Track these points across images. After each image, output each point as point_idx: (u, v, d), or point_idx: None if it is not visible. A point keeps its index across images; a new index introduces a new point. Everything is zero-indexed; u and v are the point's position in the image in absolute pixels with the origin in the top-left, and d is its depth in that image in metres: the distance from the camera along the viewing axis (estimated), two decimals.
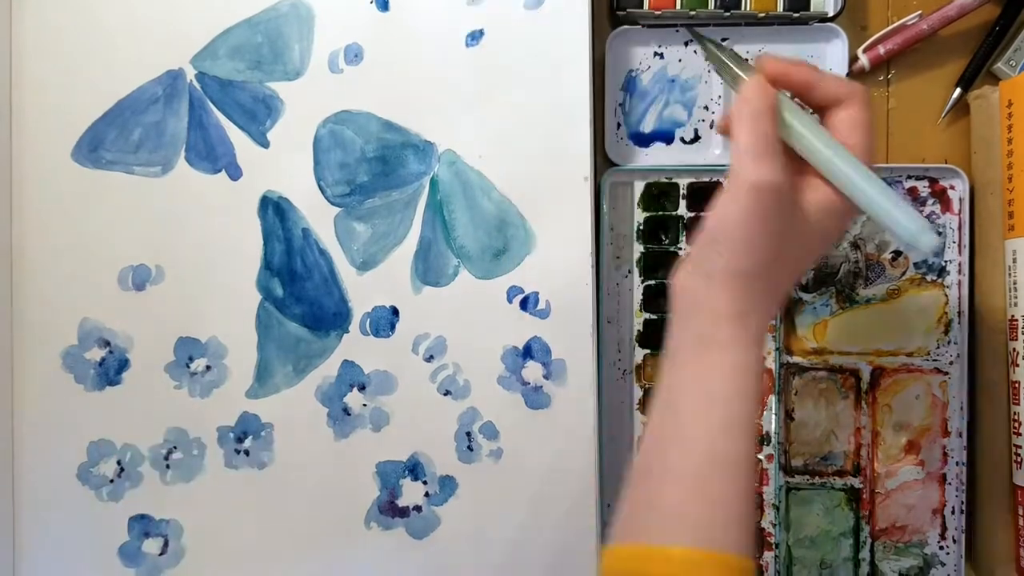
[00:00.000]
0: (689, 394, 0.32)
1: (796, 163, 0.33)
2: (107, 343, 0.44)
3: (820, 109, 0.34)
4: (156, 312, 0.44)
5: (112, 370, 0.45)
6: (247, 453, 0.45)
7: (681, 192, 0.46)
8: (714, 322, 0.32)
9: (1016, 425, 0.44)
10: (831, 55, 0.46)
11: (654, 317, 0.46)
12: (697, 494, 0.31)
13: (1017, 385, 0.44)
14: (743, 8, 0.45)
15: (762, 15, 0.45)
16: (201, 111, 0.44)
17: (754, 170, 0.31)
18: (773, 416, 0.46)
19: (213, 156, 0.44)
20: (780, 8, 0.45)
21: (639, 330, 0.46)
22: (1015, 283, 0.44)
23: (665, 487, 0.31)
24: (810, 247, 0.34)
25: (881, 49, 0.46)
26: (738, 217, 0.32)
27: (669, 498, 0.31)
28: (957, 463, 0.46)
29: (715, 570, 0.30)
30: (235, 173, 0.44)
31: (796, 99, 0.34)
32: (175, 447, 0.45)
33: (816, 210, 0.33)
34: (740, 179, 0.32)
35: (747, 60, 0.36)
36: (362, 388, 0.44)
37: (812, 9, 0.45)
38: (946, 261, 0.46)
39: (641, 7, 0.45)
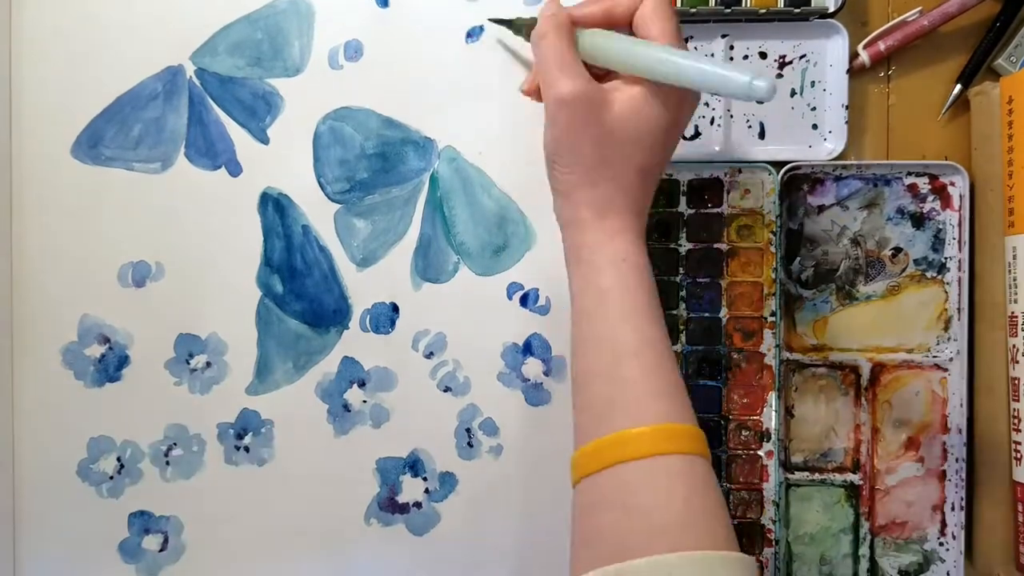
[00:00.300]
0: (585, 298, 0.36)
1: (603, 77, 0.36)
2: (107, 339, 0.44)
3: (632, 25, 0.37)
4: (156, 308, 0.44)
5: (112, 366, 0.45)
6: (247, 450, 0.45)
7: (681, 188, 0.46)
8: (580, 230, 0.36)
9: (1016, 422, 0.44)
10: (831, 51, 0.46)
11: None
12: (616, 383, 0.33)
13: (1017, 382, 0.44)
14: (744, 4, 0.45)
15: (763, 11, 0.45)
16: (201, 107, 0.44)
17: (556, 87, 0.35)
18: (773, 413, 0.46)
19: (213, 152, 0.44)
20: (780, 3, 0.45)
21: None
22: (1015, 280, 0.44)
23: (592, 387, 0.34)
24: (644, 143, 0.35)
25: (881, 45, 0.46)
26: (557, 133, 0.35)
27: (597, 395, 0.34)
28: (957, 459, 0.46)
29: (657, 438, 0.32)
30: (235, 169, 0.44)
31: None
32: (175, 443, 0.45)
33: (631, 107, 0.35)
34: (548, 99, 0.35)
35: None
36: (362, 384, 0.45)
37: (813, 5, 0.45)
38: (946, 257, 0.46)
39: None
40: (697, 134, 0.47)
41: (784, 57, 0.46)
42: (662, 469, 0.32)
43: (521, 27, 0.42)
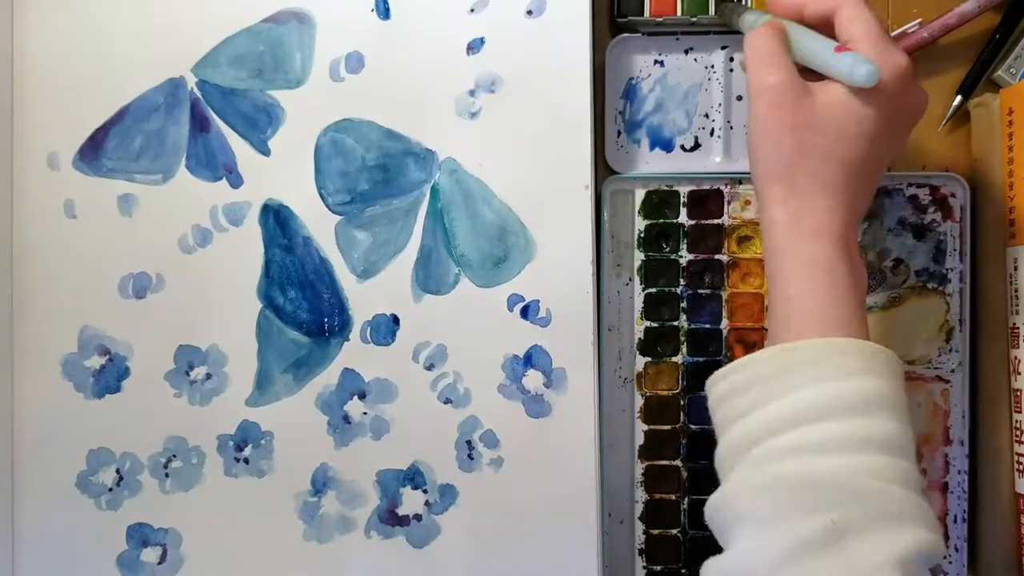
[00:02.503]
0: (775, 307, 0.36)
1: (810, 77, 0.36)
2: (107, 351, 0.44)
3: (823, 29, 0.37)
4: (156, 320, 0.44)
5: (112, 378, 0.44)
6: (247, 461, 0.44)
7: (682, 200, 0.46)
8: (771, 234, 0.36)
9: (1018, 433, 0.44)
10: None
11: (655, 325, 0.46)
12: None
13: (1019, 393, 0.43)
14: None
15: None
16: (202, 119, 0.44)
17: (761, 76, 0.35)
18: None
19: (214, 164, 0.44)
20: None
21: (640, 338, 0.46)
22: (1016, 291, 0.44)
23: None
24: (848, 136, 0.35)
25: None
26: (758, 121, 0.36)
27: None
28: (959, 472, 0.46)
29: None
30: (236, 181, 0.44)
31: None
32: (174, 455, 0.44)
33: (833, 99, 0.35)
34: (752, 88, 0.36)
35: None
36: (362, 396, 0.44)
37: None
38: (947, 269, 0.46)
39: (642, 14, 0.45)
40: (697, 145, 0.47)
41: None
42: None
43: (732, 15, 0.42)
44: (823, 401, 0.32)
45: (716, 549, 0.46)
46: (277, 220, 0.44)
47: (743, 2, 0.40)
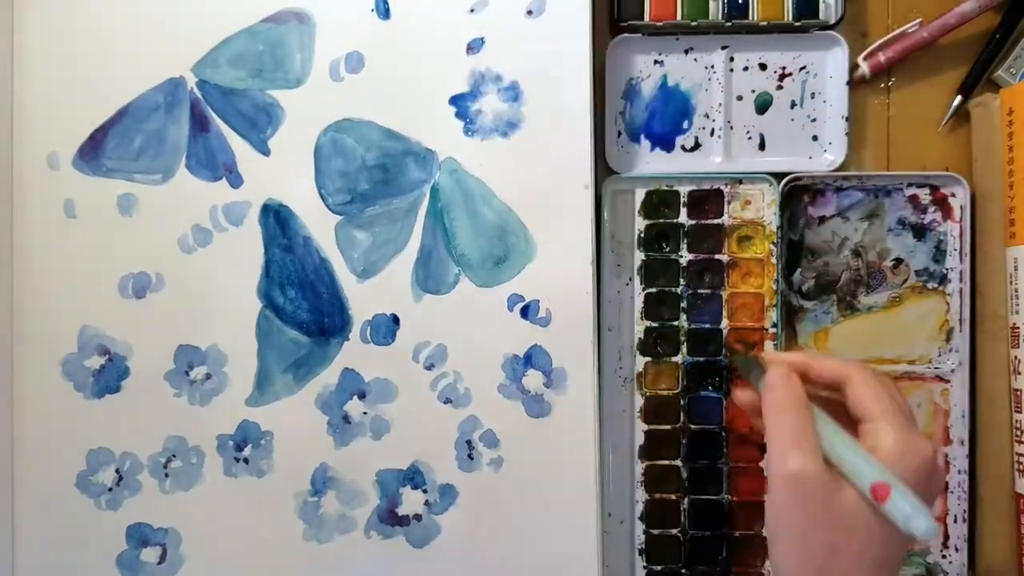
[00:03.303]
0: None
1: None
2: (107, 351, 0.44)
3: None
4: (156, 320, 0.44)
5: (112, 378, 0.44)
6: (246, 461, 0.44)
7: (682, 200, 0.46)
8: None
9: (1018, 433, 0.44)
10: (831, 63, 0.46)
11: (655, 325, 0.46)
12: None
13: (1019, 393, 0.43)
14: (750, 16, 0.45)
15: (763, 23, 0.45)
16: (202, 119, 0.44)
17: (787, 462, 0.32)
18: None
19: (214, 164, 0.44)
20: (787, 16, 0.45)
21: (640, 338, 0.46)
22: (1016, 291, 0.44)
23: None
24: (879, 534, 0.33)
25: (881, 57, 0.46)
26: (782, 511, 0.33)
27: None
28: (959, 471, 0.46)
29: None
30: (236, 181, 0.44)
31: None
32: (174, 455, 0.44)
33: (854, 504, 0.32)
34: (778, 473, 0.33)
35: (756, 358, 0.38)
36: (362, 396, 0.44)
37: (820, 16, 0.45)
38: (947, 269, 0.46)
39: (642, 17, 0.45)
40: (697, 146, 0.47)
41: (784, 69, 0.46)
42: None
43: (750, 369, 0.37)
44: None
45: (716, 549, 0.46)
46: (277, 220, 0.44)
47: (759, 360, 0.37)
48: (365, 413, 0.44)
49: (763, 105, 0.47)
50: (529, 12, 0.44)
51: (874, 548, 0.32)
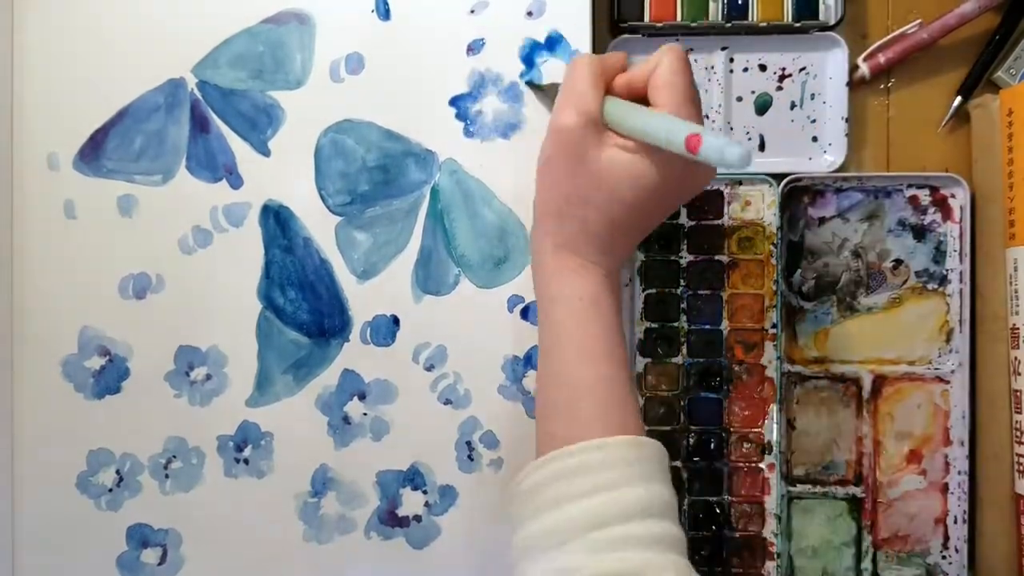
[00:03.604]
0: (543, 333, 0.37)
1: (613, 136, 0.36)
2: (107, 352, 0.44)
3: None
4: (156, 321, 0.44)
5: (112, 379, 0.44)
6: (247, 462, 0.44)
7: None
8: (541, 263, 0.37)
9: (1018, 434, 0.44)
10: (831, 64, 0.46)
11: (655, 326, 0.46)
12: (573, 420, 0.35)
13: (1019, 394, 0.43)
14: (750, 17, 0.45)
15: (763, 24, 0.45)
16: (202, 120, 0.44)
17: (559, 114, 0.36)
18: (775, 425, 0.46)
19: (214, 165, 0.44)
20: (787, 17, 0.45)
21: (640, 339, 0.46)
22: (1016, 291, 0.44)
23: (552, 422, 0.36)
24: (624, 198, 0.36)
25: (881, 58, 0.46)
26: (543, 156, 0.37)
27: (558, 429, 0.35)
28: (959, 472, 0.46)
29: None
30: (236, 182, 0.44)
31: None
32: (174, 456, 0.44)
33: (620, 157, 0.35)
34: (550, 124, 0.37)
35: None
36: (362, 397, 0.44)
37: (820, 18, 0.45)
38: (947, 270, 0.46)
39: (642, 18, 0.45)
40: None
41: (784, 70, 0.46)
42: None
43: (550, 93, 0.41)
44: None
45: (716, 549, 0.46)
46: (277, 221, 0.44)
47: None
48: (365, 414, 0.44)
49: (763, 106, 0.47)
50: (529, 13, 0.44)
51: (614, 206, 0.36)
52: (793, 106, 0.47)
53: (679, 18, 0.45)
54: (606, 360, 0.36)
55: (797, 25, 0.45)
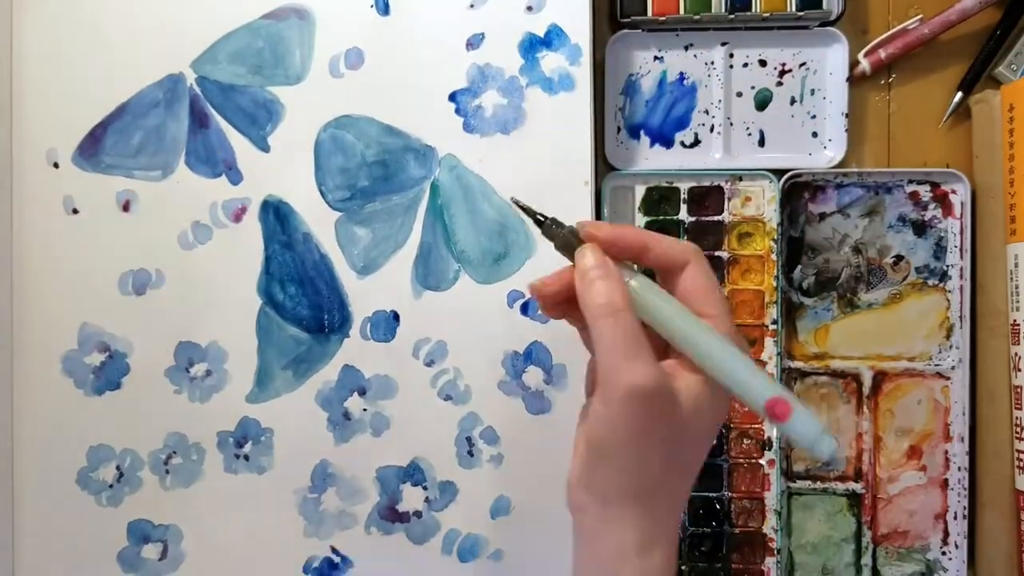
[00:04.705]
0: None
1: (656, 343, 0.30)
2: (107, 347, 0.44)
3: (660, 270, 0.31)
4: (156, 317, 0.44)
5: (112, 375, 0.44)
6: (247, 458, 0.44)
7: (682, 196, 0.46)
8: (619, 555, 0.29)
9: (1018, 430, 0.44)
10: (831, 59, 0.46)
11: None
12: None
13: (1019, 390, 0.43)
14: (752, 9, 0.45)
15: (766, 15, 0.45)
16: (202, 115, 0.44)
17: (628, 371, 0.28)
18: None
19: (213, 160, 0.44)
20: (791, 7, 0.45)
21: None
22: (1017, 287, 0.43)
23: None
24: (698, 445, 0.30)
25: (882, 53, 0.46)
26: (622, 430, 0.28)
27: None
28: (959, 468, 0.46)
29: None
30: (235, 177, 0.44)
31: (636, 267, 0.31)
32: (175, 452, 0.44)
33: (698, 401, 0.29)
34: (614, 387, 0.28)
35: (564, 226, 0.32)
36: (362, 393, 0.44)
37: (823, 7, 0.45)
38: (948, 265, 0.46)
39: (644, 13, 0.45)
40: (697, 141, 0.47)
41: (784, 65, 0.46)
42: None
43: (555, 234, 0.33)
44: None
45: (716, 544, 0.46)
46: (277, 216, 0.44)
47: (572, 230, 0.32)
48: (365, 410, 0.44)
49: (763, 101, 0.47)
50: (529, 8, 0.44)
51: (703, 457, 0.30)
52: (793, 101, 0.47)
53: (682, 11, 0.45)
54: None
55: (800, 14, 0.45)
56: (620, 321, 0.28)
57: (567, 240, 0.31)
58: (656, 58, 0.46)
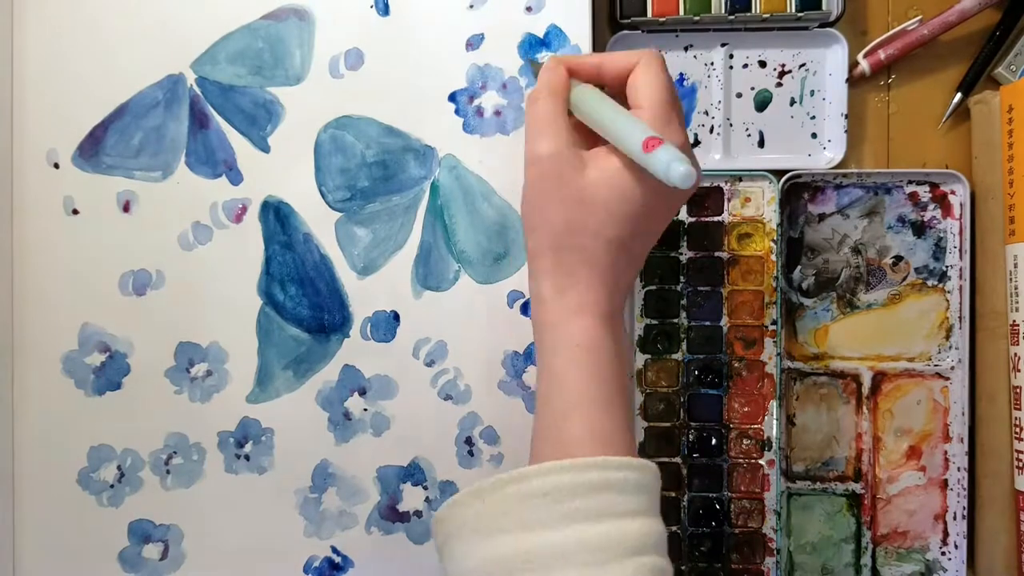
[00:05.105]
0: (541, 381, 0.35)
1: (592, 138, 0.35)
2: (107, 348, 0.44)
3: (621, 87, 0.36)
4: (156, 317, 0.44)
5: (112, 375, 0.44)
6: (247, 458, 0.45)
7: None
8: (539, 308, 0.35)
9: (1018, 430, 0.44)
10: (831, 60, 0.46)
11: (655, 322, 0.46)
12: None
13: (1019, 390, 0.43)
14: (752, 10, 0.45)
15: (765, 16, 0.45)
16: (202, 116, 0.44)
17: (534, 144, 0.35)
18: (774, 421, 0.46)
19: (214, 161, 0.44)
20: (791, 8, 0.45)
21: (640, 335, 0.46)
22: (1016, 288, 0.44)
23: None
24: (617, 215, 0.34)
25: (881, 54, 0.46)
26: (527, 191, 0.35)
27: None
28: (959, 468, 0.46)
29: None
30: (236, 178, 0.44)
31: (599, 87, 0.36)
32: (175, 452, 0.45)
33: (606, 175, 0.34)
34: (526, 157, 0.35)
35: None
36: (363, 393, 0.44)
37: (823, 8, 0.45)
38: (947, 266, 0.46)
39: (644, 14, 0.45)
40: (697, 142, 0.47)
41: (783, 66, 0.46)
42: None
43: (536, 69, 0.39)
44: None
45: (716, 545, 0.46)
46: (277, 217, 0.44)
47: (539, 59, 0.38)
48: (365, 410, 0.44)
49: (763, 102, 0.47)
50: (528, 8, 0.44)
51: (609, 227, 0.34)
52: (793, 102, 0.47)
53: (682, 12, 0.45)
54: (603, 414, 0.33)
55: (800, 15, 0.45)
56: (537, 107, 0.35)
57: (538, 68, 0.37)
58: None
